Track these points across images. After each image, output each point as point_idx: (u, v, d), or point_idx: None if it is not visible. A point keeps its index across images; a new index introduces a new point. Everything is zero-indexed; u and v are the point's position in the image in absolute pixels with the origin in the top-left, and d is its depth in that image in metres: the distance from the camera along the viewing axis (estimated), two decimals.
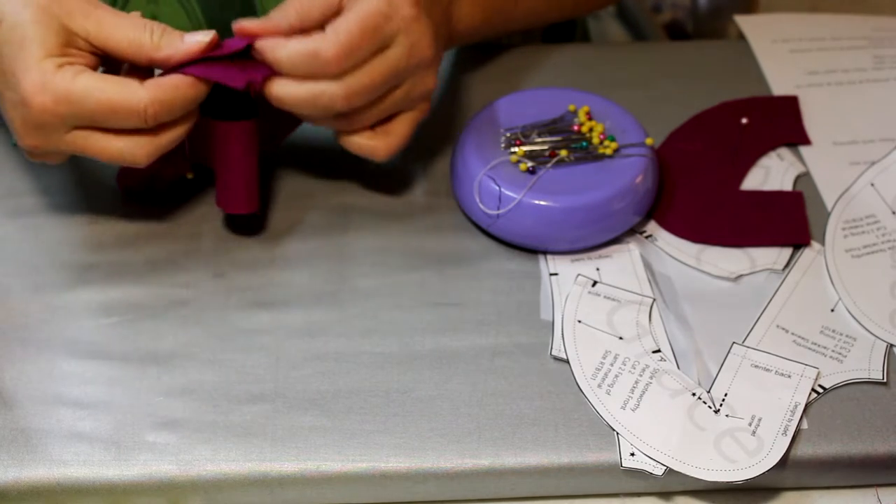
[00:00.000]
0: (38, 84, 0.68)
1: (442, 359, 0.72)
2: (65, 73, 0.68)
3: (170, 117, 0.70)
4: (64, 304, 0.74)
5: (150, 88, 0.69)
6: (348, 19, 0.71)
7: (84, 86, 0.68)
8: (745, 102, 0.88)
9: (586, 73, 0.90)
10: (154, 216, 0.79)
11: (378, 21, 0.72)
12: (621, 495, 0.69)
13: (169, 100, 0.69)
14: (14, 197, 0.80)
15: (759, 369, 0.71)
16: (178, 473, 0.67)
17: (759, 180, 0.83)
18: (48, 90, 0.68)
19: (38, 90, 0.68)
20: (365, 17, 0.71)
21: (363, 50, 0.72)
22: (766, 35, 0.94)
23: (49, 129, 0.70)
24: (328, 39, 0.71)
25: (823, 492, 0.70)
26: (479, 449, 0.68)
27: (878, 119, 0.87)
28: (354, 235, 0.79)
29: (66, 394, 0.70)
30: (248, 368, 0.71)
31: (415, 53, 0.74)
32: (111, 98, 0.68)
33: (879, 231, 0.79)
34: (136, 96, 0.68)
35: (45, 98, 0.68)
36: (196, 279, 0.76)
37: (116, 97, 0.68)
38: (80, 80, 0.68)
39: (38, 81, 0.68)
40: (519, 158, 0.78)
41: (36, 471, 0.66)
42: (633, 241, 0.79)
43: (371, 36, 0.72)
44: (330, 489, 0.67)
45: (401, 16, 0.73)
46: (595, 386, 0.70)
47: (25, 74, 0.68)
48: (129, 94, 0.68)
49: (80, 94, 0.68)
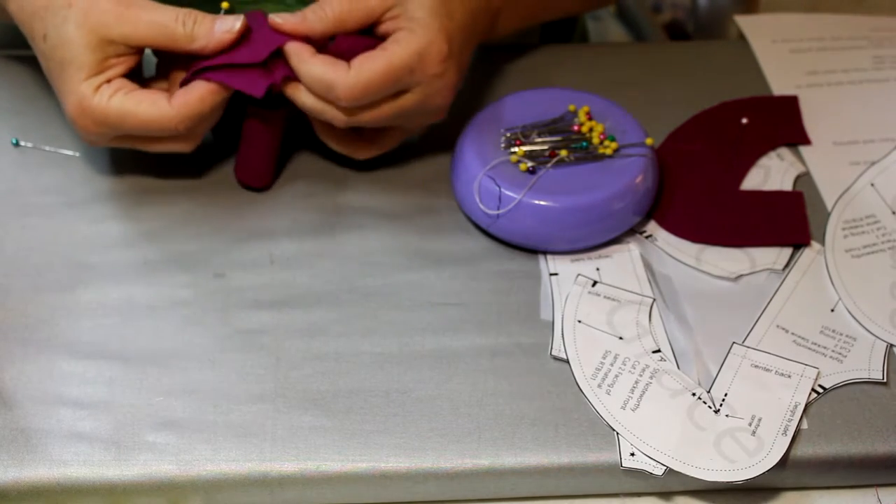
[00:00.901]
0: (78, 108, 0.73)
1: (442, 359, 0.72)
2: (101, 95, 0.73)
3: (199, 125, 0.75)
4: (64, 304, 0.74)
5: (177, 107, 0.73)
6: (374, 65, 0.73)
7: (118, 109, 0.73)
8: (745, 102, 0.88)
9: (586, 73, 0.90)
10: (154, 216, 0.79)
11: (401, 74, 0.74)
12: (621, 495, 0.69)
13: (196, 113, 0.74)
14: (14, 197, 0.80)
15: (759, 369, 0.71)
16: (178, 473, 0.67)
17: (759, 180, 0.83)
18: (87, 114, 0.73)
19: (79, 113, 0.73)
20: (390, 67, 0.73)
21: (377, 95, 0.74)
22: (766, 35, 0.94)
23: (97, 139, 0.76)
24: (347, 79, 0.73)
25: (823, 492, 0.70)
26: (479, 449, 0.68)
27: (878, 119, 0.87)
28: (354, 235, 0.79)
29: (66, 394, 0.70)
30: (248, 368, 0.71)
31: (428, 102, 0.76)
32: (144, 120, 0.73)
33: (879, 231, 0.79)
34: (166, 115, 0.73)
35: (85, 121, 0.74)
36: (196, 279, 0.76)
37: (148, 118, 0.73)
38: (115, 102, 0.73)
39: (77, 105, 0.73)
40: (519, 158, 0.78)
41: (36, 471, 0.66)
42: (633, 241, 0.79)
43: (391, 85, 0.74)
44: (330, 489, 0.67)
45: (425, 72, 0.74)
46: (595, 386, 0.70)
47: (68, 97, 0.73)
48: (159, 115, 0.73)
49: (116, 118, 0.73)
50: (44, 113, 0.84)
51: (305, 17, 0.74)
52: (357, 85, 0.73)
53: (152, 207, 0.80)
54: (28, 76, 0.86)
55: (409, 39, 0.74)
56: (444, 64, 0.75)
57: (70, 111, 0.73)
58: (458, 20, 0.76)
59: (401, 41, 0.74)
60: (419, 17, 0.74)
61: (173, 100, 0.73)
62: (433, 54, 0.74)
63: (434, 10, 0.74)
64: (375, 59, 0.73)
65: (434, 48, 0.74)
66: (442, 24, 0.74)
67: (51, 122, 0.83)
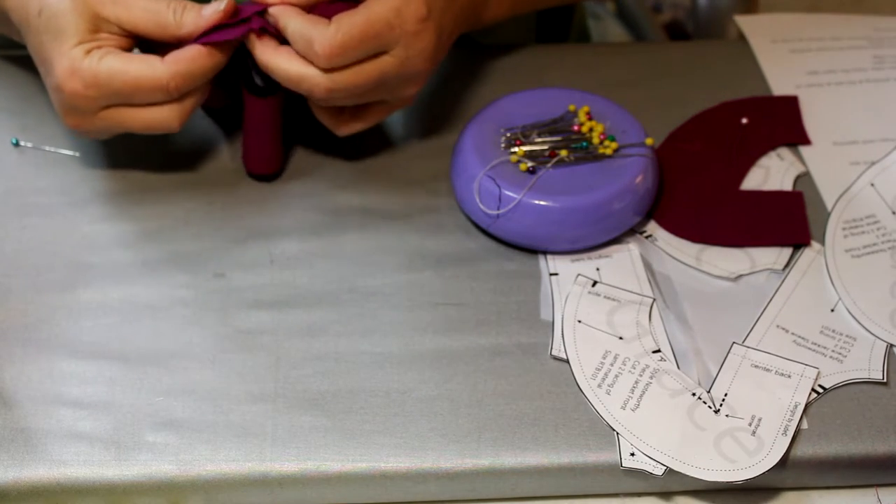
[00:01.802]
0: (68, 70, 0.73)
1: (442, 359, 0.72)
2: (92, 57, 0.73)
3: (192, 87, 0.75)
4: (64, 304, 0.74)
5: (169, 64, 0.73)
6: (353, 20, 0.73)
7: (109, 67, 0.73)
8: (745, 102, 0.88)
9: (586, 73, 0.90)
10: (154, 216, 0.79)
11: (381, 28, 0.73)
12: (621, 495, 0.69)
13: (188, 71, 0.74)
14: (14, 197, 0.80)
15: (759, 369, 0.71)
16: (178, 473, 0.67)
17: (759, 180, 0.83)
18: (77, 75, 0.73)
19: (69, 76, 0.73)
20: (368, 21, 0.73)
21: (357, 52, 0.73)
22: (766, 35, 0.94)
23: (83, 110, 0.74)
24: (326, 34, 0.73)
25: (823, 492, 0.70)
26: (479, 449, 0.68)
27: (878, 119, 0.87)
28: (354, 235, 0.79)
29: (66, 394, 0.70)
30: (248, 368, 0.71)
31: (408, 66, 0.75)
32: (135, 77, 0.73)
33: (879, 231, 0.79)
34: (157, 72, 0.73)
35: (75, 83, 0.73)
36: (196, 279, 0.76)
37: (140, 75, 0.73)
38: (106, 62, 0.73)
39: (68, 67, 0.73)
40: (519, 158, 0.78)
41: (36, 471, 0.66)
42: (633, 241, 0.79)
43: (369, 41, 0.73)
44: (330, 489, 0.67)
45: (404, 29, 0.74)
46: (595, 386, 0.70)
47: (58, 62, 0.73)
48: (151, 71, 0.73)
49: (107, 76, 0.73)
50: (44, 113, 0.84)
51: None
52: (336, 40, 0.72)
53: (152, 207, 0.80)
54: (28, 76, 0.86)
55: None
56: (423, 24, 0.74)
57: (59, 74, 0.73)
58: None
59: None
60: None
61: (166, 58, 0.74)
62: (412, 12, 0.74)
63: None
64: (355, 14, 0.73)
65: (412, 6, 0.74)
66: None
67: (51, 122, 0.83)
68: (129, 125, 0.76)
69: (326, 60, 0.73)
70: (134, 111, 0.75)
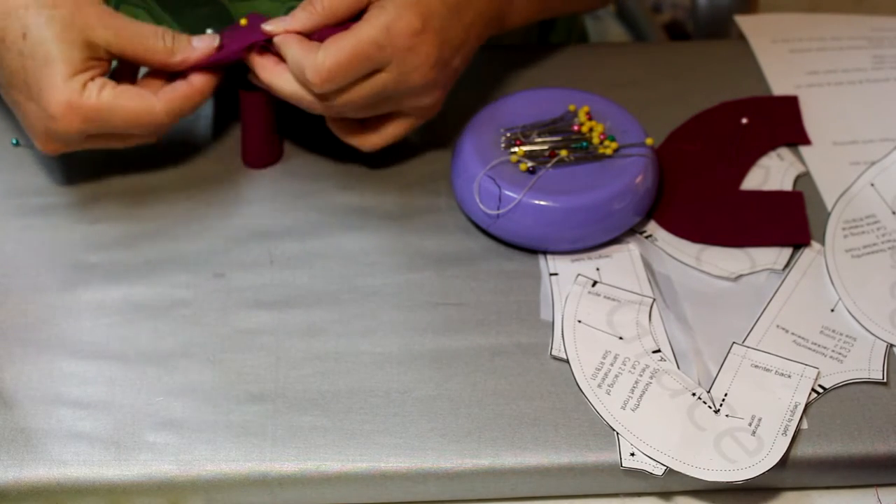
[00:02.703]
0: (66, 104, 0.72)
1: (442, 359, 0.72)
2: (90, 91, 0.73)
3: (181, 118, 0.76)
4: (64, 304, 0.74)
5: (165, 101, 0.75)
6: (341, 46, 0.73)
7: (109, 103, 0.73)
8: (745, 102, 0.88)
9: (586, 73, 0.90)
10: (154, 216, 0.79)
11: (370, 50, 0.73)
12: (621, 495, 0.69)
13: (181, 109, 0.76)
14: (14, 197, 0.80)
15: (759, 369, 0.71)
16: (178, 473, 0.67)
17: (759, 180, 0.83)
18: (75, 110, 0.73)
19: (66, 110, 0.73)
20: (357, 44, 0.73)
21: (348, 76, 0.73)
22: (766, 35, 0.94)
23: (71, 140, 0.75)
24: (315, 61, 0.73)
25: (823, 492, 0.70)
26: (479, 449, 0.68)
27: (878, 119, 0.87)
28: (354, 235, 0.79)
29: (66, 394, 0.70)
30: (248, 368, 0.71)
31: (404, 81, 0.75)
32: (134, 114, 0.74)
33: (879, 231, 0.79)
34: (154, 110, 0.74)
35: (73, 117, 0.73)
36: (196, 279, 0.76)
37: (137, 113, 0.74)
38: (105, 97, 0.73)
39: (66, 101, 0.72)
40: (519, 158, 0.78)
41: (36, 471, 0.66)
42: (633, 241, 0.79)
43: (360, 64, 0.73)
44: (330, 489, 0.67)
45: (396, 46, 0.73)
46: (595, 386, 0.70)
47: (52, 93, 0.72)
48: (148, 109, 0.74)
49: (107, 112, 0.73)
50: None
51: (295, 16, 0.75)
52: (324, 67, 0.72)
53: (152, 207, 0.80)
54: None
55: (377, 15, 0.73)
56: (416, 38, 0.74)
57: (54, 106, 0.72)
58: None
59: (369, 18, 0.73)
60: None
61: (160, 95, 0.75)
62: (402, 28, 0.73)
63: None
64: (343, 38, 0.73)
65: (402, 22, 0.73)
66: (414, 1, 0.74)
67: None
68: (109, 147, 0.77)
69: (318, 87, 0.73)
70: (119, 138, 0.76)
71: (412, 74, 0.75)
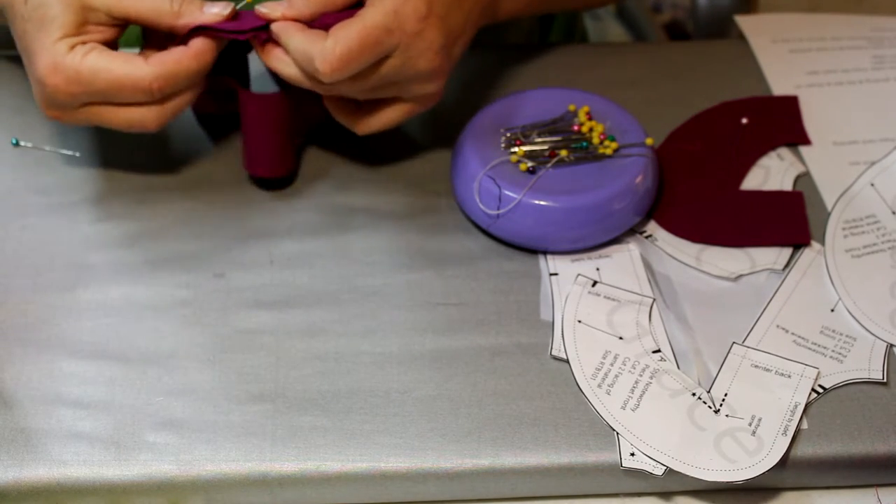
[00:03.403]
0: (51, 65, 0.72)
1: (442, 359, 0.72)
2: (75, 53, 0.72)
3: (174, 90, 0.74)
4: (64, 304, 0.74)
5: (154, 65, 0.72)
6: (350, 32, 0.71)
7: (92, 65, 0.72)
8: (745, 102, 0.88)
9: (586, 73, 0.90)
10: (154, 216, 0.79)
11: (379, 35, 0.72)
12: (621, 495, 0.69)
13: (172, 74, 0.73)
14: (14, 197, 0.80)
15: (759, 369, 0.71)
16: (178, 473, 0.67)
17: (759, 180, 0.83)
18: (59, 71, 0.72)
19: (51, 71, 0.72)
20: (366, 30, 0.71)
21: (359, 63, 0.72)
22: (766, 35, 0.94)
23: (63, 105, 0.74)
24: (325, 50, 0.71)
25: (823, 492, 0.70)
26: (479, 449, 0.68)
27: (878, 119, 0.87)
28: (354, 235, 0.79)
29: (66, 394, 0.70)
30: (248, 368, 0.71)
31: (410, 66, 0.74)
32: (118, 76, 0.72)
33: (879, 231, 0.79)
34: (141, 72, 0.72)
35: (56, 79, 0.72)
36: (196, 279, 0.76)
37: (123, 75, 0.72)
38: (89, 59, 0.72)
39: (51, 62, 0.72)
40: (519, 158, 0.78)
41: (36, 471, 0.66)
42: (633, 241, 0.79)
43: (370, 49, 0.72)
44: (330, 489, 0.68)
45: (404, 30, 0.72)
46: (595, 386, 0.70)
47: (41, 55, 0.72)
48: (134, 71, 0.72)
49: (89, 74, 0.72)
50: None
51: (293, 2, 0.73)
52: (335, 54, 0.71)
53: (152, 207, 0.80)
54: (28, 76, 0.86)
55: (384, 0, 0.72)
56: (423, 23, 0.73)
57: (41, 68, 0.72)
58: None
59: (375, 3, 0.72)
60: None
61: (150, 59, 0.72)
62: (409, 12, 0.72)
63: None
64: (351, 24, 0.72)
65: (409, 6, 0.72)
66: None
67: (51, 122, 0.83)
68: (108, 122, 0.75)
69: (329, 76, 0.72)
70: (114, 109, 0.74)
71: (419, 60, 0.74)
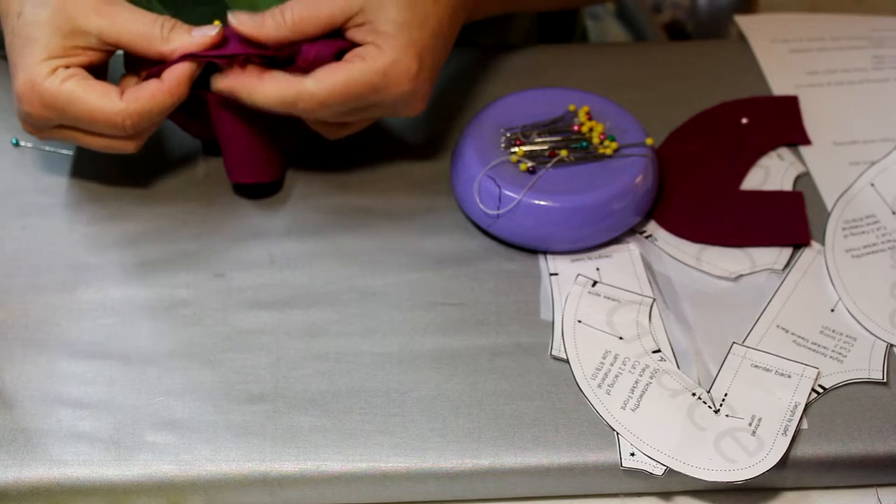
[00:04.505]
0: (28, 85, 0.72)
1: (442, 359, 0.72)
2: (55, 77, 0.71)
3: (146, 125, 0.73)
4: (64, 304, 0.74)
5: (128, 101, 0.72)
6: (336, 79, 0.72)
7: (69, 93, 0.71)
8: (745, 102, 0.88)
9: (586, 73, 0.90)
10: (154, 216, 0.79)
11: (364, 92, 0.72)
12: (621, 495, 0.69)
13: (146, 111, 0.72)
14: (14, 197, 0.80)
15: (759, 369, 0.71)
16: (178, 473, 0.67)
17: (759, 180, 0.83)
18: (35, 92, 0.72)
19: (27, 90, 0.72)
20: (352, 83, 0.72)
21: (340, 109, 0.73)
22: (766, 35, 0.94)
23: (38, 124, 0.74)
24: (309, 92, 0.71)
25: (823, 492, 0.70)
26: (479, 449, 0.68)
27: (878, 119, 0.87)
28: (354, 235, 0.79)
29: (66, 394, 0.70)
30: (248, 368, 0.71)
31: (397, 111, 0.76)
32: (92, 108, 0.72)
33: (879, 231, 0.79)
34: (114, 108, 0.72)
35: (32, 99, 0.72)
36: (196, 279, 0.76)
37: (96, 107, 0.72)
38: (67, 86, 0.71)
39: (28, 82, 0.72)
40: (519, 158, 0.78)
41: (36, 471, 0.66)
42: (633, 241, 0.79)
43: (353, 101, 0.73)
44: (330, 489, 0.68)
45: (391, 89, 0.73)
46: (595, 386, 0.70)
47: (22, 73, 0.72)
48: (107, 106, 0.72)
49: (65, 101, 0.72)
50: None
51: (264, 22, 0.72)
52: (318, 98, 0.71)
53: (152, 207, 0.80)
54: None
55: (375, 57, 0.72)
56: (413, 82, 0.73)
57: (19, 87, 0.72)
58: (430, 27, 0.74)
59: (366, 58, 0.72)
60: (386, 32, 0.72)
61: (125, 94, 0.72)
62: (401, 73, 0.72)
63: (403, 24, 0.72)
64: (338, 72, 0.72)
65: (402, 66, 0.72)
66: (411, 39, 0.72)
67: None
68: (83, 144, 0.75)
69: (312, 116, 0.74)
70: (88, 136, 0.74)
71: (404, 109, 0.75)
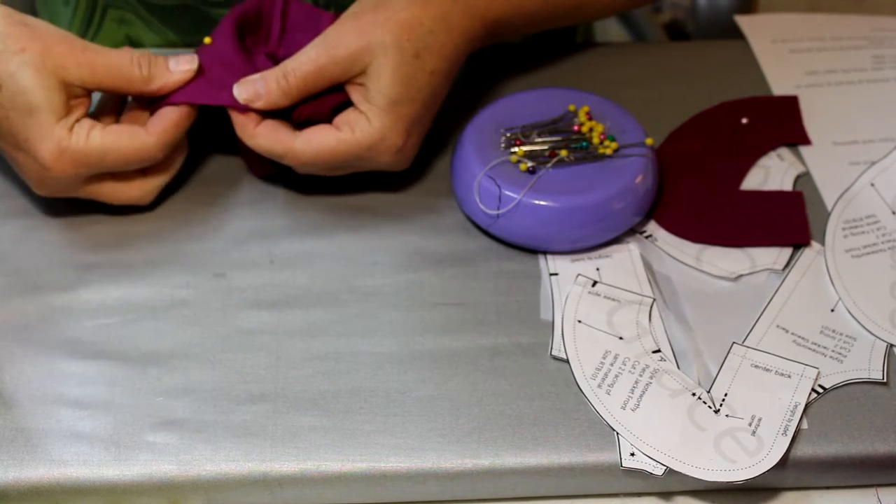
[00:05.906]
0: (56, 151, 0.72)
1: (442, 359, 0.72)
2: (77, 135, 0.72)
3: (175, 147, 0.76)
4: (64, 304, 0.74)
5: (155, 134, 0.74)
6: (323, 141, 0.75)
7: (99, 147, 0.72)
8: (745, 102, 0.88)
9: (586, 73, 0.90)
10: (154, 216, 0.79)
11: (350, 160, 0.76)
12: (621, 495, 0.69)
13: (174, 138, 0.75)
14: (14, 197, 0.80)
15: (759, 369, 0.71)
16: (178, 473, 0.67)
17: (759, 180, 0.83)
18: (66, 156, 0.72)
19: (57, 157, 0.72)
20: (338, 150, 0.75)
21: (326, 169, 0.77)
22: (766, 35, 0.94)
23: (66, 186, 0.75)
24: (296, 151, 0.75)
25: (823, 492, 0.70)
26: (479, 449, 0.68)
27: (878, 119, 0.87)
28: (354, 235, 0.79)
29: (66, 394, 0.70)
30: (248, 368, 0.71)
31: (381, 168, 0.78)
32: (127, 154, 0.74)
33: (879, 231, 0.79)
34: (146, 145, 0.74)
35: (64, 163, 0.72)
36: (196, 279, 0.76)
37: (131, 151, 0.74)
38: (94, 141, 0.72)
39: (56, 149, 0.72)
40: (519, 158, 0.78)
41: (36, 471, 0.66)
42: (633, 241, 0.79)
43: (338, 164, 0.76)
44: (330, 489, 0.68)
45: (375, 158, 0.76)
46: (595, 386, 0.70)
47: (42, 143, 0.71)
48: (140, 145, 0.74)
49: (98, 155, 0.73)
50: None
51: (268, 87, 0.74)
52: (303, 159, 0.75)
53: (152, 207, 0.80)
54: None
55: (364, 130, 0.75)
56: (398, 154, 0.76)
57: (45, 155, 0.71)
58: (422, 99, 0.76)
59: (355, 130, 0.75)
60: (377, 106, 0.74)
61: (150, 128, 0.74)
62: (387, 147, 0.75)
63: (395, 100, 0.74)
64: (326, 136, 0.75)
65: (388, 142, 0.75)
66: (400, 115, 0.75)
67: None
68: (105, 200, 0.77)
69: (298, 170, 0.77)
70: (113, 185, 0.76)
71: (387, 168, 0.78)
